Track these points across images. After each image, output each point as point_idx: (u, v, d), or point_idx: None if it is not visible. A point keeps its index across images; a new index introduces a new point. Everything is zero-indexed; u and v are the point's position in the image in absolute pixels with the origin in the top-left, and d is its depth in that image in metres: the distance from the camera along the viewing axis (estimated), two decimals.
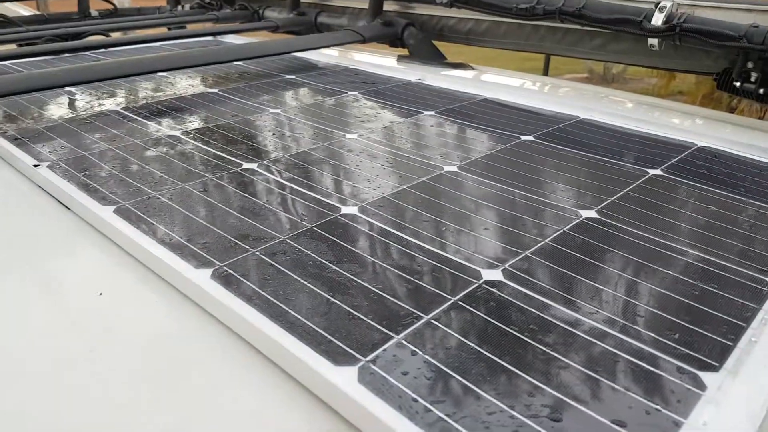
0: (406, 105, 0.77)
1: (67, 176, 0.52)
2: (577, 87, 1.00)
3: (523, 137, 0.66)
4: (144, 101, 0.77)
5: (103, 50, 1.12)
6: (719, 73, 0.85)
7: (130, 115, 0.71)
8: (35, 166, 0.54)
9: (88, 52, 1.11)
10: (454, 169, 0.56)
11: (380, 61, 1.09)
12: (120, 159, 0.56)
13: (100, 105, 0.75)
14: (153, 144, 0.61)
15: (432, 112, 0.74)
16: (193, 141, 0.62)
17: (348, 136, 0.65)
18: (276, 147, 0.61)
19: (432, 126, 0.69)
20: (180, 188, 0.50)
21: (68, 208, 0.49)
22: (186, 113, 0.72)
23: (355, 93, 0.83)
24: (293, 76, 0.92)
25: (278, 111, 0.74)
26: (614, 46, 0.95)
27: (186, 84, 0.86)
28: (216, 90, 0.83)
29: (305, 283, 0.37)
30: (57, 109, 0.73)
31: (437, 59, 1.09)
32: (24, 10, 1.73)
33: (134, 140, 0.62)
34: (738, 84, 0.82)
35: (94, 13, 1.62)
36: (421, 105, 0.78)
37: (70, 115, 0.70)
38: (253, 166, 0.56)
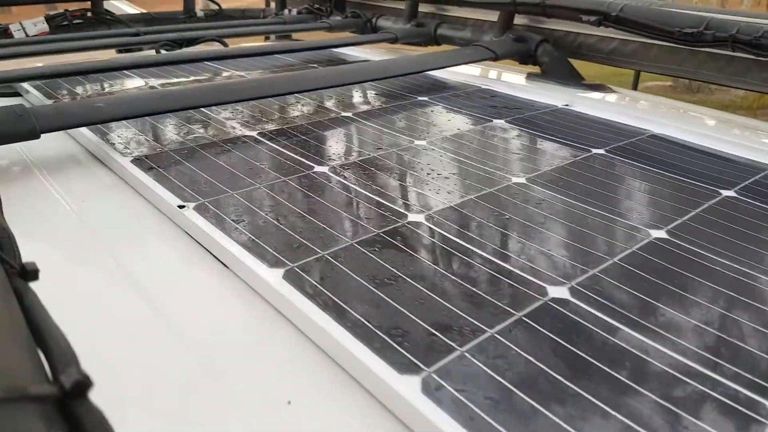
0: (567, 139, 0.69)
1: (219, 224, 0.46)
2: (654, 100, 0.93)
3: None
4: (277, 125, 0.72)
5: (215, 60, 1.09)
6: None
7: (267, 142, 0.65)
8: (180, 207, 0.49)
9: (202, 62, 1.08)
10: (663, 235, 0.47)
11: (512, 80, 1.00)
12: (275, 203, 0.51)
13: (232, 128, 0.70)
14: (306, 184, 0.55)
15: (601, 150, 0.65)
16: (345, 181, 0.56)
17: (515, 179, 0.57)
18: (437, 190, 0.54)
19: (609, 171, 0.60)
20: (352, 249, 0.44)
21: (225, 266, 0.43)
22: (327, 143, 0.66)
23: (501, 121, 0.75)
24: (425, 98, 0.85)
25: (423, 143, 0.66)
26: None
27: (314, 105, 0.81)
28: (349, 114, 0.77)
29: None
30: (184, 129, 0.69)
31: (574, 80, 0.99)
32: (125, 7, 1.74)
33: (283, 177, 0.56)
34: None
35: (199, 13, 1.62)
36: (581, 140, 0.69)
37: (204, 140, 0.65)
38: (419, 218, 0.49)
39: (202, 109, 0.76)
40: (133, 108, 0.62)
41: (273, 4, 1.60)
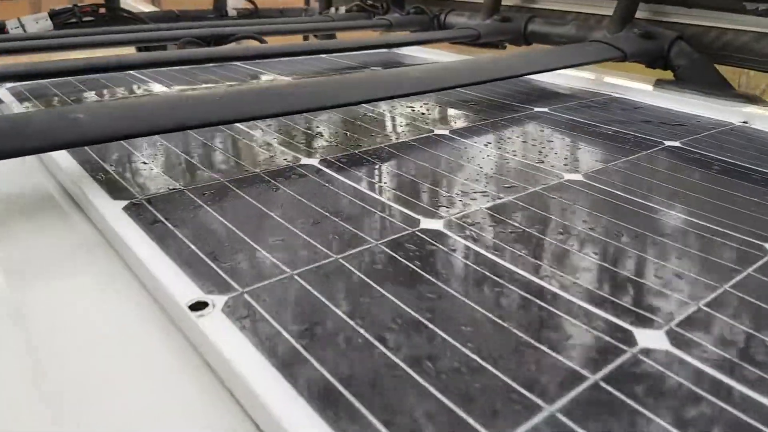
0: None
1: (272, 351, 0.23)
2: None
3: None
4: (344, 148, 0.49)
5: (249, 61, 0.87)
6: None
7: (335, 175, 0.42)
8: (196, 307, 0.26)
9: (235, 62, 0.86)
10: None
11: (642, 87, 0.76)
12: (370, 297, 0.27)
13: (281, 153, 0.47)
14: (416, 255, 0.31)
15: None
16: (480, 247, 0.32)
17: None
18: (659, 280, 0.30)
19: None
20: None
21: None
22: (427, 177, 0.42)
23: (675, 143, 0.51)
24: (543, 108, 0.61)
25: (578, 177, 0.43)
26: None
27: (390, 120, 0.58)
28: (445, 131, 0.53)
29: None
30: (208, 155, 0.46)
31: (723, 90, 0.74)
32: (143, 6, 1.54)
33: (373, 240, 0.33)
34: None
35: (231, 12, 1.41)
36: None
37: (238, 172, 0.43)
38: (656, 339, 0.25)
39: (234, 125, 0.54)
40: (128, 122, 0.39)
41: (316, 4, 1.38)
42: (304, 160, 0.45)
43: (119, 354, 0.25)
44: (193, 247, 0.31)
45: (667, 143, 0.51)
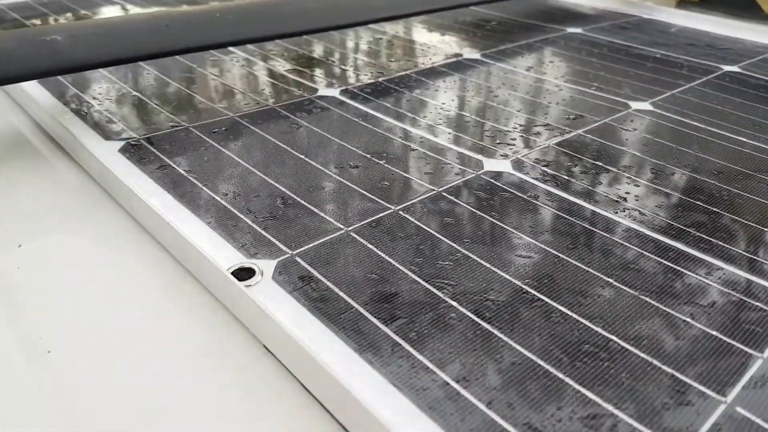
0: None
1: (362, 334, 0.18)
2: None
3: None
4: (365, 75, 0.42)
5: None
6: None
7: (366, 109, 0.36)
8: (241, 275, 0.21)
9: None
10: None
11: (667, 7, 0.69)
12: (456, 260, 0.22)
13: (295, 83, 0.40)
14: (488, 204, 0.26)
15: None
16: (560, 191, 0.27)
17: None
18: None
19: None
20: None
21: None
22: (472, 111, 0.36)
23: (734, 68, 0.46)
24: (577, 30, 0.55)
25: (646, 105, 0.37)
26: None
27: (409, 42, 0.51)
28: (476, 55, 0.47)
29: None
30: (214, 85, 0.39)
31: (751, 10, 0.69)
32: None
33: (433, 187, 0.27)
34: None
35: None
36: None
37: (250, 105, 0.36)
38: None
39: (236, 48, 0.46)
40: (119, 44, 0.32)
41: None
42: (323, 91, 0.38)
43: (151, 343, 0.19)
44: (218, 198, 0.25)
45: (726, 68, 0.45)
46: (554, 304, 0.20)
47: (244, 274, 0.21)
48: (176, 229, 0.22)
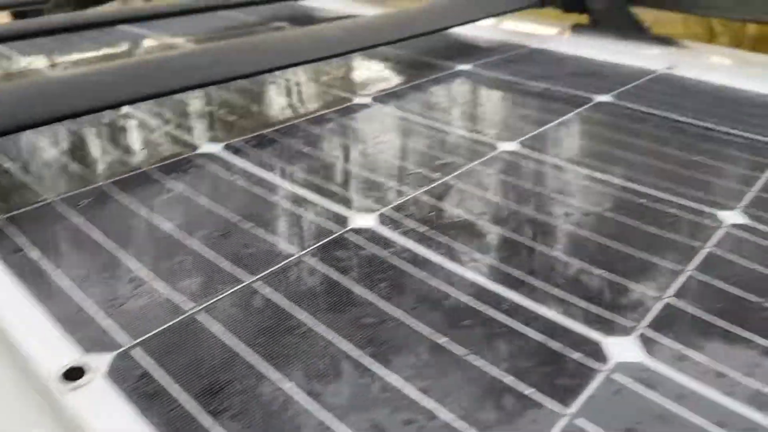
0: (724, 125, 0.43)
1: None
2: None
3: None
4: (252, 127, 0.42)
5: (135, 23, 0.76)
6: None
7: (245, 166, 0.36)
8: (69, 376, 0.20)
9: (119, 25, 0.75)
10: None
11: (560, 35, 0.73)
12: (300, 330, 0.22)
13: (175, 141, 0.40)
14: (354, 261, 0.26)
15: None
16: (435, 252, 0.28)
17: (732, 218, 0.31)
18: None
19: None
20: None
21: None
22: (352, 162, 0.37)
23: (607, 97, 0.48)
24: (466, 66, 0.57)
25: (514, 146, 0.39)
26: None
27: (305, 88, 0.51)
28: (367, 99, 0.48)
29: None
30: (87, 149, 0.38)
31: (637, 33, 0.73)
32: None
33: (294, 250, 0.27)
34: None
35: None
36: (737, 122, 0.43)
37: (124, 168, 0.35)
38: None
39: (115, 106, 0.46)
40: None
41: None
42: (205, 147, 0.38)
43: None
44: (65, 284, 0.25)
45: (598, 98, 0.48)
46: (385, 374, 0.20)
47: (73, 373, 0.20)
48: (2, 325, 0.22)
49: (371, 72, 0.55)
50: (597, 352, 0.22)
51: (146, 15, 0.67)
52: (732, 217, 0.31)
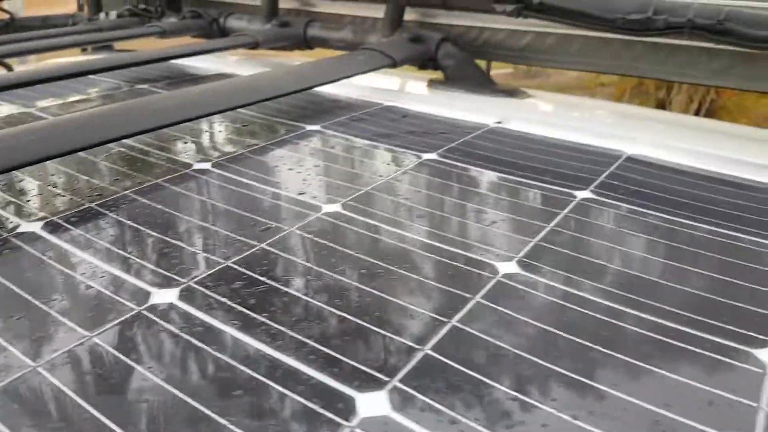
0: (524, 177, 0.48)
1: None
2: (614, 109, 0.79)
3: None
4: (80, 201, 0.43)
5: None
6: None
7: (63, 245, 0.37)
8: None
9: None
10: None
11: (417, 91, 0.79)
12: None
13: None
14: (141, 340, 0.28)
15: (585, 192, 0.45)
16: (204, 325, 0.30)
17: (504, 267, 0.35)
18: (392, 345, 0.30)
19: (603, 226, 0.41)
20: None
21: None
22: (172, 233, 0.39)
23: (433, 155, 0.53)
24: (316, 126, 0.60)
25: (336, 208, 0.42)
26: (745, 69, 0.69)
27: (151, 151, 0.53)
28: (206, 164, 0.50)
29: None
30: None
31: (485, 86, 0.80)
32: None
33: (85, 332, 0.29)
34: None
35: None
36: (547, 174, 0.48)
37: None
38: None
39: None
40: None
41: (87, 9, 1.24)
42: (24, 226, 0.39)
43: None
44: None
45: (425, 156, 0.53)
46: None
47: None
48: None
49: (219, 136, 0.58)
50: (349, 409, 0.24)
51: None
52: (507, 267, 0.35)
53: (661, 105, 4.11)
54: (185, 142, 0.55)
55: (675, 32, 0.64)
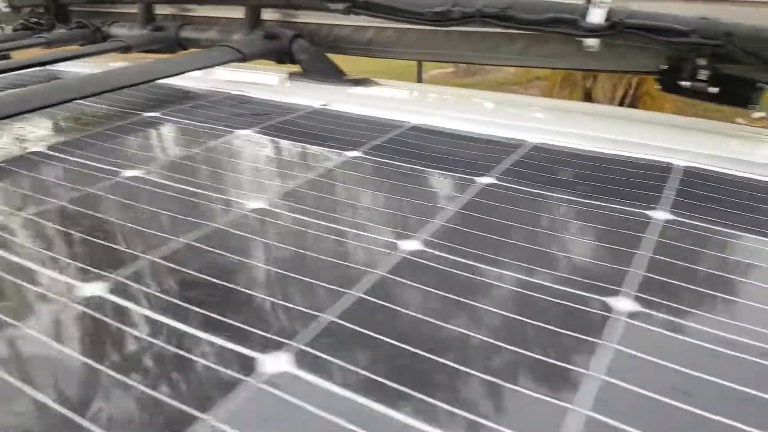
0: (319, 144, 0.59)
1: None
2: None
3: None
4: None
5: None
6: (661, 73, 0.75)
7: None
8: None
9: None
10: (417, 246, 0.38)
11: (270, 82, 0.88)
12: None
13: None
14: None
15: (356, 152, 0.56)
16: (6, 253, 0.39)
17: (252, 205, 0.45)
18: (134, 243, 0.39)
19: (365, 175, 0.51)
20: None
21: None
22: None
23: (248, 131, 0.63)
24: (156, 114, 0.69)
25: (136, 173, 0.51)
26: (539, 48, 0.82)
27: None
28: (41, 148, 0.58)
29: None
30: None
31: (336, 76, 0.90)
32: None
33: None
34: (687, 83, 0.72)
35: None
36: (339, 142, 0.59)
37: None
38: (100, 290, 0.34)
39: None
40: None
41: None
42: None
43: None
44: None
45: (241, 131, 0.62)
46: None
47: None
48: None
49: (61, 124, 0.66)
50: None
51: None
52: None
53: (588, 93, 4.33)
54: (21, 132, 0.63)
55: (469, 20, 0.76)
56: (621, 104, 4.12)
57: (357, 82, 0.89)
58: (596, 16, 0.71)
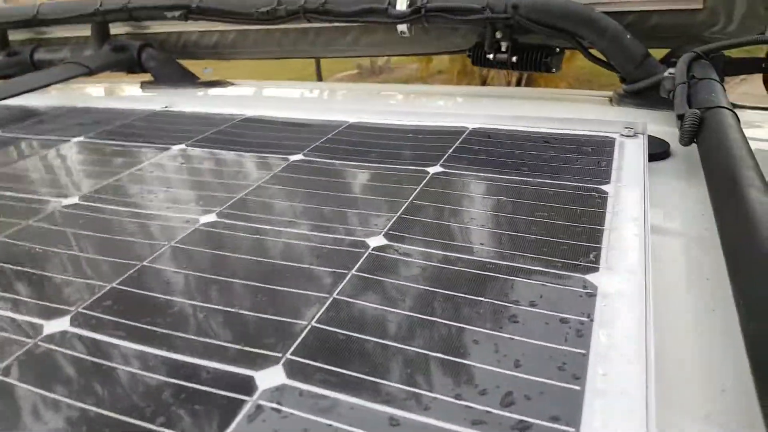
0: (147, 142, 0.64)
1: None
2: (349, 88, 0.94)
3: (292, 157, 0.57)
4: None
5: None
6: (471, 49, 0.85)
7: None
8: None
9: None
10: (213, 218, 0.45)
11: (120, 93, 0.92)
12: None
13: None
14: None
15: (182, 145, 0.62)
16: None
17: (65, 201, 0.50)
18: None
19: (182, 164, 0.57)
20: None
21: None
22: None
23: (80, 138, 0.67)
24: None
25: None
26: (367, 39, 0.90)
27: None
28: None
29: None
30: None
31: (188, 80, 0.96)
32: None
33: None
34: (491, 56, 0.82)
35: None
36: (167, 139, 0.65)
37: None
38: None
39: None
40: None
41: None
42: None
43: None
44: None
45: (74, 139, 0.67)
46: None
47: None
48: None
49: None
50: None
51: None
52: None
53: (484, 80, 4.54)
54: None
55: (295, 17, 0.83)
56: (518, 86, 4.35)
57: (210, 84, 0.95)
58: (401, 4, 0.80)
